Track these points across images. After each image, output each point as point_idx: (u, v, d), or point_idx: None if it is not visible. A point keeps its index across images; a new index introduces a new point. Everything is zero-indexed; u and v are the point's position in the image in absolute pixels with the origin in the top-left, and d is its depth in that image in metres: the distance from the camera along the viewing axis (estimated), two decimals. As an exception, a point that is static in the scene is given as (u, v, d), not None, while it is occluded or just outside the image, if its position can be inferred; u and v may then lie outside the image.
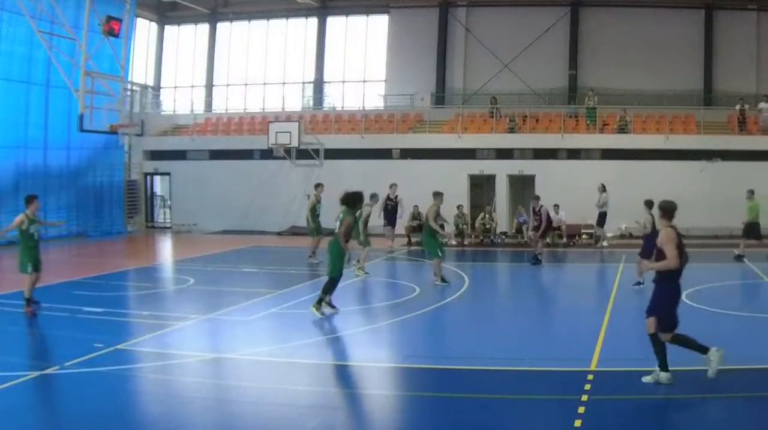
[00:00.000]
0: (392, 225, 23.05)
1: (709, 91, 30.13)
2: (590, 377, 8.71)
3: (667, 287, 8.40)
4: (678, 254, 8.28)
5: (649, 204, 14.76)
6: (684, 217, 27.98)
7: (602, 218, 24.11)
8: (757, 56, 29.78)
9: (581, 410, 7.52)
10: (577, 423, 7.16)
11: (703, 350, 8.39)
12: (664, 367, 8.38)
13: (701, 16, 30.44)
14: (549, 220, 20.64)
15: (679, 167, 26.30)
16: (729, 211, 25.49)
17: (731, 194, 25.43)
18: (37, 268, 12.86)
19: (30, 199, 13.12)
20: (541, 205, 20.38)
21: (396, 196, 23.02)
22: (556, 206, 24.69)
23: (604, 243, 25.14)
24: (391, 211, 23.01)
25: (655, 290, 8.54)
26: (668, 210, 8.71)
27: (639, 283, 14.83)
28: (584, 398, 7.91)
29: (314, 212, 20.08)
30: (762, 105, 27.25)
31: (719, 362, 8.28)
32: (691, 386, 8.51)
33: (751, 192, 21.13)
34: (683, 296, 13.87)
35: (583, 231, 25.52)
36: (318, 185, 20.35)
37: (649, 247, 14.12)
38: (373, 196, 19.24)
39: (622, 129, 27.61)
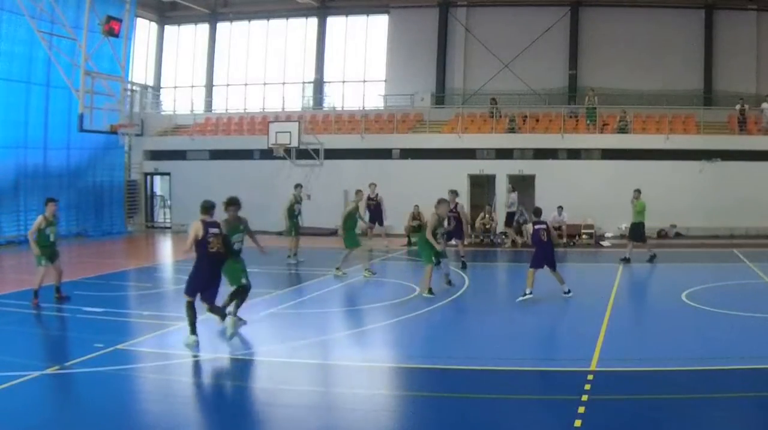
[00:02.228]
0: (380, 224, 23.17)
1: (709, 91, 30.13)
2: (590, 377, 8.71)
3: (196, 263, 10.49)
4: (196, 244, 10.25)
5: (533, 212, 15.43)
6: (684, 217, 27.99)
7: (510, 218, 24.68)
8: (757, 56, 29.78)
9: (581, 410, 7.52)
10: (577, 423, 7.16)
11: (192, 329, 10.45)
12: (192, 331, 10.46)
13: (701, 16, 30.44)
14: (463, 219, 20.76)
15: (679, 167, 26.31)
16: (729, 211, 25.58)
17: (731, 194, 25.51)
18: (52, 260, 13.50)
19: (47, 202, 13.85)
20: (457, 202, 20.45)
21: (377, 195, 23.03)
22: (560, 208, 24.70)
23: (606, 243, 25.16)
24: (374, 211, 23.06)
25: None
26: (205, 208, 10.48)
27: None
28: (584, 398, 7.91)
29: (291, 212, 19.97)
30: (764, 105, 27.23)
31: (233, 327, 10.60)
32: (691, 386, 8.53)
33: (638, 191, 20.22)
34: (683, 296, 14.01)
35: (583, 231, 25.53)
36: (297, 186, 20.32)
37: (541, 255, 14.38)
38: (358, 193, 19.09)
39: (622, 129, 27.61)
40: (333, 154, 28.11)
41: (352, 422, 7.76)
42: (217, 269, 10.55)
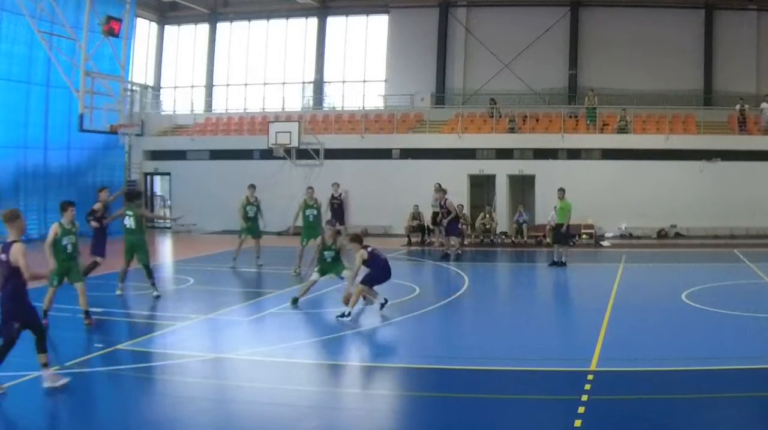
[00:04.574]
0: (341, 223, 23.06)
1: (709, 91, 30.12)
2: (590, 377, 8.71)
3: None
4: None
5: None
6: (684, 217, 27.91)
7: (435, 216, 24.23)
8: (757, 56, 29.77)
9: (581, 410, 7.51)
10: (577, 423, 7.15)
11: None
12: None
13: (701, 16, 30.44)
14: (453, 213, 20.79)
15: (679, 167, 26.32)
16: (729, 211, 25.59)
17: (731, 194, 25.52)
18: (68, 276, 11.60)
19: (64, 207, 11.70)
20: (446, 198, 20.53)
21: (340, 195, 22.93)
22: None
23: (606, 243, 25.16)
24: (337, 210, 22.95)
25: None
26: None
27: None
28: (584, 398, 7.91)
29: (245, 213, 19.16)
30: (763, 105, 27.25)
31: None
32: (691, 386, 8.52)
33: (562, 191, 19.58)
34: (683, 296, 14.01)
35: (583, 231, 25.52)
36: (250, 186, 20.03)
37: None
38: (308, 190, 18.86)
39: (622, 129, 27.61)
40: (333, 154, 28.10)
41: (352, 422, 7.76)
42: None
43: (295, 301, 13.51)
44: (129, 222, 14.15)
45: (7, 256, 8.01)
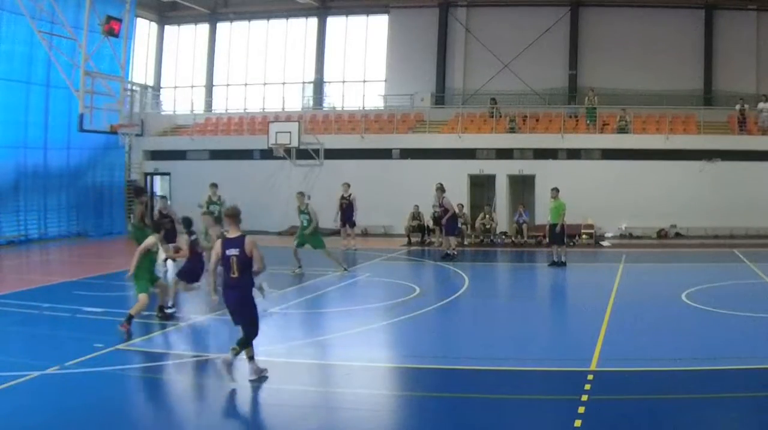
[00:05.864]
0: (350, 224, 23.08)
1: (709, 91, 30.11)
2: (590, 377, 8.71)
3: None
4: None
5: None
6: (684, 217, 27.81)
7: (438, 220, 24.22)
8: (757, 56, 29.75)
9: (581, 410, 7.52)
10: (577, 423, 7.16)
11: None
12: None
13: (701, 16, 30.42)
14: (450, 211, 20.82)
15: (679, 167, 26.31)
16: (729, 211, 25.59)
17: (731, 194, 25.52)
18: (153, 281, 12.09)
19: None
20: (444, 197, 20.60)
21: (350, 195, 22.98)
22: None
23: (606, 243, 25.16)
24: (346, 210, 23.00)
25: None
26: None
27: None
28: (584, 398, 7.91)
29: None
30: (761, 105, 27.24)
31: None
32: (691, 386, 8.53)
33: (556, 190, 19.26)
34: (683, 296, 14.01)
35: (583, 231, 25.53)
36: (212, 184, 20.01)
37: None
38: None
39: (622, 129, 27.60)
40: (333, 154, 28.10)
41: (352, 422, 7.76)
42: None
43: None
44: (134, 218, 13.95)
45: (242, 248, 8.47)
